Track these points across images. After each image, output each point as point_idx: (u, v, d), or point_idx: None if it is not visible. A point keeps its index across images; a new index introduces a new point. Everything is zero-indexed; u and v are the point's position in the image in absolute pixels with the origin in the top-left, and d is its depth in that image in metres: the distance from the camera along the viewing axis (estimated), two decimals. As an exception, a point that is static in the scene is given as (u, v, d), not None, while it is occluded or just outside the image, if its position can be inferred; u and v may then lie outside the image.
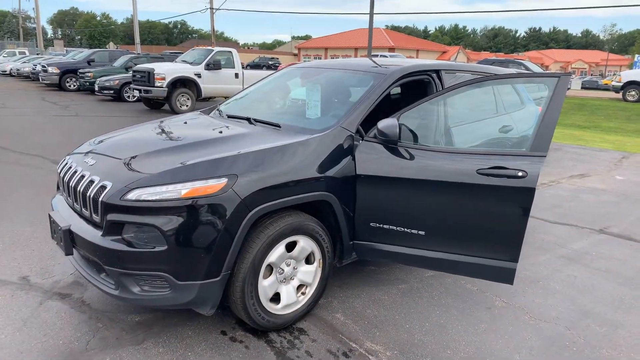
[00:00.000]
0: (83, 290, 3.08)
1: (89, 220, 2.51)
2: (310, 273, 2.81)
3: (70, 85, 18.77)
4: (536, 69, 21.17)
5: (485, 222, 2.64)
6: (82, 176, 2.59)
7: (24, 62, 26.19)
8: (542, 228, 4.69)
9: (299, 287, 2.82)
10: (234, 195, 2.36)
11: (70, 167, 2.78)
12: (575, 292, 3.38)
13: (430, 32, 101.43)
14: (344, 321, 2.87)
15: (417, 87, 3.73)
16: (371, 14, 14.94)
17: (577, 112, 17.10)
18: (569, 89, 22.53)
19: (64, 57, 21.96)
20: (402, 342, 2.68)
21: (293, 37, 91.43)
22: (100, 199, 2.37)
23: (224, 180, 2.36)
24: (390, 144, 2.79)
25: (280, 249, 2.61)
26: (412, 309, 3.05)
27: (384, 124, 2.74)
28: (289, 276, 2.74)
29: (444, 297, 3.21)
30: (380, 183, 2.81)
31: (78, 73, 17.99)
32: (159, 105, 13.63)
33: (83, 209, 2.54)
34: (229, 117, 3.48)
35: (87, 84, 17.01)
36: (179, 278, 2.34)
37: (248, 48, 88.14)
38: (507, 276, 2.70)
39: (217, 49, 13.54)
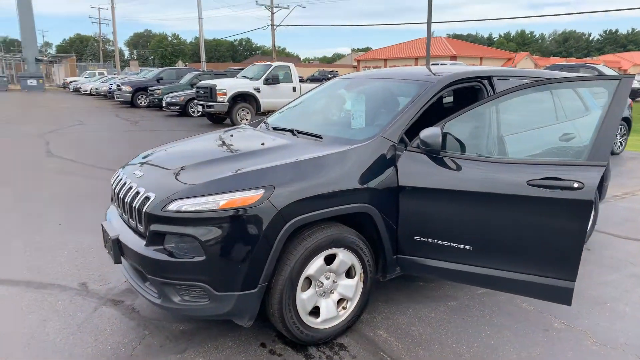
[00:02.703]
0: (134, 298, 3.20)
1: (136, 231, 2.61)
2: (351, 287, 2.74)
3: (141, 102, 20.01)
4: (610, 73, 19.82)
5: (537, 238, 2.45)
6: (130, 187, 2.70)
7: (102, 82, 28.27)
8: (612, 244, 4.31)
9: (340, 301, 2.76)
10: (270, 207, 2.35)
11: (121, 179, 2.91)
12: (648, 316, 3.05)
13: (494, 39, 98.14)
14: (386, 338, 2.77)
15: (468, 95, 3.58)
16: (429, 22, 14.68)
17: (658, 118, 15.73)
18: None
19: (136, 76, 23.43)
20: (447, 363, 2.53)
21: (353, 50, 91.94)
22: (144, 210, 2.45)
23: (261, 192, 2.37)
24: (434, 153, 2.68)
25: (318, 261, 2.56)
26: (461, 327, 2.89)
27: (427, 133, 2.64)
28: (329, 290, 2.69)
29: (496, 316, 3.02)
30: (424, 195, 2.70)
31: (148, 90, 19.12)
32: (221, 119, 14.15)
33: (130, 219, 2.64)
34: (274, 129, 3.50)
35: (156, 100, 17.99)
36: (217, 289, 2.36)
37: (309, 62, 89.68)
38: (564, 296, 2.48)
39: (275, 64, 13.87)
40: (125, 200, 2.67)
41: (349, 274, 2.76)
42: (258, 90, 13.24)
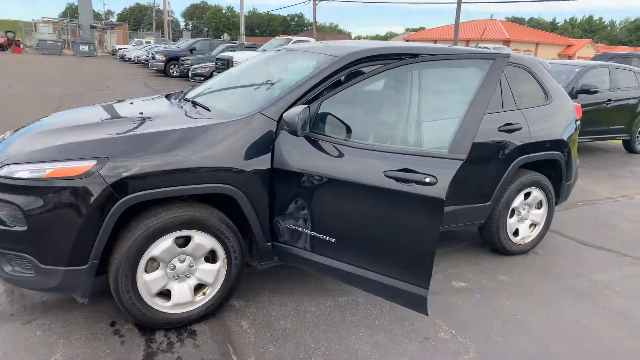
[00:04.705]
0: (24, 263, 3.15)
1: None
2: (212, 273, 2.56)
3: (173, 72, 20.23)
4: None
5: (391, 236, 2.16)
6: (-13, 149, 2.61)
7: (145, 51, 28.86)
8: (570, 250, 3.87)
9: (200, 286, 2.59)
10: (100, 180, 2.19)
11: (-6, 141, 2.84)
12: (555, 335, 2.69)
13: (558, 24, 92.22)
14: (245, 330, 2.58)
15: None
16: (459, 2, 13.83)
17: None
18: None
19: (171, 46, 23.75)
20: (291, 364, 2.32)
21: (406, 29, 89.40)
22: (-20, 173, 2.35)
23: (91, 163, 2.21)
24: (294, 134, 2.41)
25: (166, 242, 2.39)
26: (334, 326, 2.65)
27: (289, 111, 2.38)
28: (184, 273, 2.51)
29: (380, 318, 2.75)
30: (293, 179, 2.46)
31: (180, 60, 19.32)
32: (239, 92, 14.09)
33: None
34: (184, 100, 3.32)
35: (186, 70, 18.13)
36: (42, 261, 2.24)
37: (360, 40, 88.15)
38: (418, 304, 2.19)
39: (295, 38, 13.59)
40: (-21, 161, 2.59)
41: (213, 258, 2.58)
42: (275, 64, 13.03)
